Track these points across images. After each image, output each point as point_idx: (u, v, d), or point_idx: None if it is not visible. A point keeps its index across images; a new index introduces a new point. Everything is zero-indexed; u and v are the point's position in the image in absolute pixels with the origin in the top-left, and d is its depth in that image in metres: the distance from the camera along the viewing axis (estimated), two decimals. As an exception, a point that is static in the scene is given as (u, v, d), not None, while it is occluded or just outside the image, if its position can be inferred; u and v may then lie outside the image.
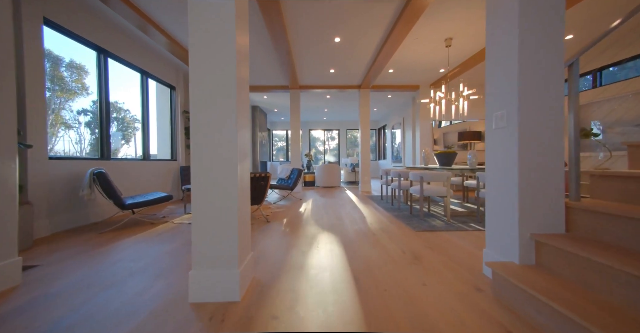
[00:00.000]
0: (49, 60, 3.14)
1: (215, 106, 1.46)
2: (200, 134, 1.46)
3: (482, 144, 7.08)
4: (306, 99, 8.33)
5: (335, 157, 13.06)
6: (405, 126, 8.76)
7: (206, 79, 1.46)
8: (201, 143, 1.46)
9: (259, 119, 9.23)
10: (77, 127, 3.77)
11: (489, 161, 1.76)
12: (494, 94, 1.70)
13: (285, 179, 5.38)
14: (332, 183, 7.77)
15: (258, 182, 3.22)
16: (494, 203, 1.71)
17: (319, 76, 6.05)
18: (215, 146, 1.46)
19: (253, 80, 6.28)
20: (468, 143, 7.26)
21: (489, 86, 1.75)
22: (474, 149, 7.19)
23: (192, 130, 1.47)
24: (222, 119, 1.46)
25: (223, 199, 1.46)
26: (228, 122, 1.46)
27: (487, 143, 1.77)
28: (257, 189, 3.25)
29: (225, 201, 1.46)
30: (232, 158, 1.46)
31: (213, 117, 1.46)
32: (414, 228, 2.92)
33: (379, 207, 4.34)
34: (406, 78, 6.24)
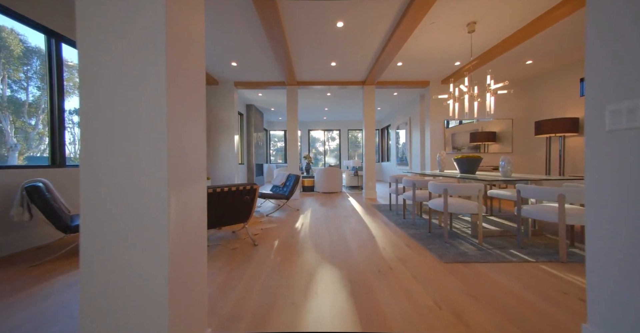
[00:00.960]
0: (39, 58, 2.97)
1: (124, 76, 0.82)
2: (94, 131, 0.83)
3: (496, 146, 6.42)
4: (305, 97, 7.69)
5: (336, 158, 12.42)
6: (412, 126, 8.11)
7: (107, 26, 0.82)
8: (96, 149, 0.83)
9: (255, 119, 8.60)
10: (71, 127, 3.65)
11: (596, 179, 1.11)
12: (609, 77, 1.05)
13: (281, 187, 4.74)
14: (333, 189, 7.13)
15: (242, 197, 2.57)
16: (610, 247, 1.06)
17: (318, 70, 5.41)
18: (123, 155, 0.82)
19: (245, 76, 5.65)
20: (481, 145, 6.60)
21: (594, 67, 1.10)
22: (487, 151, 6.53)
23: (81, 123, 0.83)
24: (139, 102, 0.82)
25: (139, 258, 0.82)
26: (151, 110, 0.82)
27: (592, 151, 1.11)
28: (241, 205, 2.61)
29: (142, 261, 0.82)
30: (157, 180, 0.82)
31: (120, 99, 0.83)
32: (440, 256, 2.28)
33: (389, 221, 3.70)
34: (416, 73, 5.60)
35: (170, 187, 0.84)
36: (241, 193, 2.55)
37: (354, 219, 3.89)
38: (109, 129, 0.83)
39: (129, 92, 0.83)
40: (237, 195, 2.53)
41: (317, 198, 6.15)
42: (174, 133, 0.87)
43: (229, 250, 2.55)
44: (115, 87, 0.83)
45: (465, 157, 3.45)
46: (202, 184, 1.08)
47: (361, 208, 4.85)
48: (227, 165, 6.00)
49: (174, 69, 0.88)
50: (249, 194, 2.62)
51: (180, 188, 0.90)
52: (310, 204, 5.30)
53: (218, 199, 2.41)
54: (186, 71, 0.96)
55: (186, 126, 0.96)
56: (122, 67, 0.83)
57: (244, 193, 2.57)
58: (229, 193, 2.45)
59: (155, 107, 0.83)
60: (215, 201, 2.40)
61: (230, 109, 6.00)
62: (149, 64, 0.83)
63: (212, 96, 5.99)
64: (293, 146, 6.16)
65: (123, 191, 0.83)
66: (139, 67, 0.83)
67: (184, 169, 0.93)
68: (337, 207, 4.92)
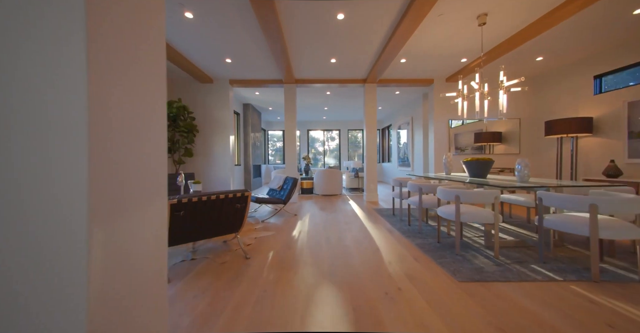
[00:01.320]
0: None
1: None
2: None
3: (502, 147, 6.16)
4: (304, 96, 7.42)
5: (336, 159, 12.16)
6: (415, 125, 7.86)
7: None
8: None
9: (252, 119, 8.33)
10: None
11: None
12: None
13: (277, 191, 4.48)
14: (333, 191, 6.87)
15: (232, 205, 2.31)
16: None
17: (317, 68, 5.14)
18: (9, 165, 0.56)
19: (240, 73, 5.38)
20: (486, 145, 6.34)
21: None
22: (493, 152, 6.28)
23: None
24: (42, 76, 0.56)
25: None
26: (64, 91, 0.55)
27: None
28: (231, 214, 2.35)
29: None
30: (71, 206, 0.55)
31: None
32: (454, 273, 2.02)
33: (393, 229, 3.44)
34: (420, 70, 5.34)
35: (95, 218, 0.57)
36: (231, 201, 2.29)
37: (355, 226, 3.64)
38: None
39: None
40: (227, 203, 2.27)
41: (316, 201, 5.90)
42: (102, 129, 0.61)
43: (218, 264, 2.29)
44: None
45: (475, 160, 3.20)
46: (161, 203, 0.82)
47: (363, 213, 4.59)
48: (221, 167, 5.74)
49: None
50: (239, 202, 2.36)
51: (117, 216, 0.64)
52: (309, 208, 5.04)
53: (204, 209, 2.15)
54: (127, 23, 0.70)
55: (129, 120, 0.70)
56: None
57: (234, 200, 2.31)
58: (216, 202, 2.19)
59: (71, 86, 0.56)
60: (200, 210, 2.13)
61: (226, 108, 5.74)
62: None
63: (206, 95, 5.72)
64: (291, 147, 5.90)
65: (10, 226, 0.56)
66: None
67: (125, 187, 0.67)
68: (337, 212, 4.67)
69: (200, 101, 5.71)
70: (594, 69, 4.48)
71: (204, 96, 5.72)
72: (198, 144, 5.69)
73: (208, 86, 5.72)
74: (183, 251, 2.60)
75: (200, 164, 5.73)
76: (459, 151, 6.68)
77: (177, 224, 2.03)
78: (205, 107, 5.72)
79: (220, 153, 5.75)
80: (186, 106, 5.08)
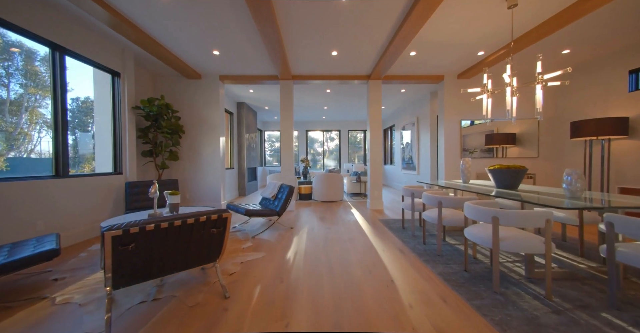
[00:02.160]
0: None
1: None
2: None
3: (515, 150, 5.63)
4: (302, 94, 6.88)
5: (335, 161, 11.63)
6: (421, 126, 7.34)
7: None
8: None
9: (247, 119, 7.79)
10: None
11: None
12: None
13: (271, 200, 3.94)
14: (333, 197, 6.34)
15: (206, 230, 1.77)
16: None
17: (316, 62, 4.61)
18: None
19: (231, 68, 4.84)
20: (497, 148, 5.81)
21: None
22: (506, 155, 5.75)
23: None
24: None
25: None
26: None
27: None
28: (205, 241, 1.81)
29: None
30: None
31: None
32: (501, 327, 1.49)
33: (406, 248, 2.91)
34: (430, 65, 4.82)
35: None
36: (203, 226, 1.75)
37: (360, 244, 3.10)
38: None
39: None
40: (198, 229, 1.73)
41: (315, 209, 5.36)
42: None
43: (187, 307, 1.75)
44: None
45: (505, 168, 2.67)
46: None
47: (367, 225, 4.05)
48: (211, 171, 5.19)
49: None
50: (216, 226, 1.82)
51: None
52: (307, 218, 4.51)
53: (166, 238, 1.61)
54: None
55: None
56: None
57: (208, 225, 1.77)
58: (183, 228, 1.65)
59: None
60: (161, 240, 1.59)
61: (216, 107, 5.19)
62: None
63: (194, 92, 5.18)
64: (288, 149, 5.36)
65: None
66: None
67: None
68: (338, 223, 4.13)
69: (187, 98, 5.17)
70: (629, 62, 3.96)
71: (192, 94, 5.18)
72: (184, 147, 5.15)
73: (196, 82, 5.18)
74: (147, 286, 2.05)
75: (187, 169, 5.18)
76: (466, 153, 6.14)
77: (126, 260, 1.49)
78: (193, 105, 5.17)
79: (209, 155, 5.20)
80: (169, 105, 4.53)
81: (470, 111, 5.45)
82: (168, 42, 3.80)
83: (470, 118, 5.54)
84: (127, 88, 3.95)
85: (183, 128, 4.96)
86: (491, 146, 5.76)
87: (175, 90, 5.15)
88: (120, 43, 3.76)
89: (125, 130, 3.92)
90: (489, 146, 5.76)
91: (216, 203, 5.20)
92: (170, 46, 3.89)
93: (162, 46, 3.86)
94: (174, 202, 2.83)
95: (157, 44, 3.76)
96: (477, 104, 5.40)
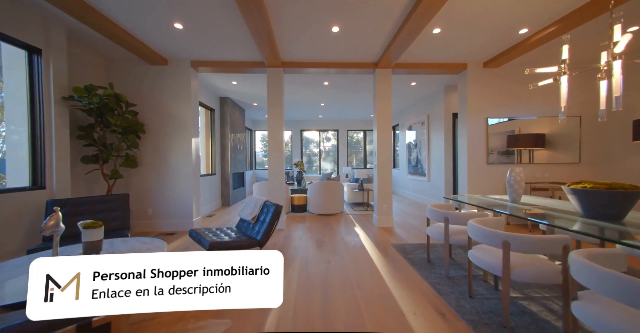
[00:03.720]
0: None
1: None
2: None
3: (544, 153, 4.68)
4: (294, 88, 5.88)
5: (333, 163, 10.64)
6: (432, 126, 6.40)
7: None
8: None
9: (232, 116, 6.76)
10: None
11: None
12: None
13: (251, 224, 2.93)
14: (332, 209, 5.35)
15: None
16: None
17: (313, 42, 3.62)
18: None
19: (205, 51, 3.82)
20: (520, 151, 4.84)
21: None
22: (533, 161, 4.79)
23: None
24: None
25: None
26: None
27: None
28: None
29: None
30: None
31: None
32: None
33: (447, 306, 1.93)
34: (453, 49, 3.87)
35: None
36: None
37: (376, 296, 2.11)
38: None
39: None
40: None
41: (310, 227, 4.37)
42: None
43: None
44: None
45: (606, 187, 1.71)
46: None
47: (379, 254, 3.07)
48: (181, 180, 4.16)
49: None
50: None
51: None
52: (300, 242, 3.52)
53: None
54: None
55: None
56: None
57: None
58: None
59: None
60: None
61: (187, 100, 4.17)
62: None
63: (158, 81, 4.14)
64: (277, 151, 4.36)
65: None
66: None
67: None
68: (341, 252, 3.14)
69: (149, 89, 4.12)
70: None
71: (156, 84, 4.14)
72: (146, 150, 4.11)
73: (161, 69, 4.14)
74: None
75: (150, 177, 4.14)
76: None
77: None
78: (158, 98, 4.14)
79: (179, 160, 4.17)
80: (121, 96, 3.50)
81: (501, 106, 4.52)
82: (111, 11, 2.77)
83: (501, 116, 4.60)
84: (54, 71, 2.90)
85: (144, 127, 3.92)
86: (514, 149, 4.78)
87: (134, 79, 4.10)
88: (41, 8, 2.71)
89: (51, 128, 2.87)
90: (511, 149, 4.78)
91: (187, 219, 4.18)
92: (114, 14, 2.86)
93: (102, 15, 2.82)
94: (91, 239, 1.83)
95: (94, 11, 2.73)
96: (513, 98, 4.48)
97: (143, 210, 4.12)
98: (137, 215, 4.08)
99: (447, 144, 5.78)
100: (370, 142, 10.56)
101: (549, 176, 4.43)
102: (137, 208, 4.09)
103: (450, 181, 5.75)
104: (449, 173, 5.77)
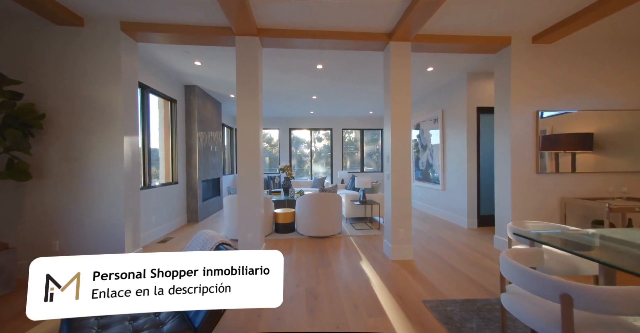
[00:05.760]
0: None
1: None
2: None
3: (590, 157, 3.52)
4: (280, 75, 4.60)
5: (325, 166, 9.39)
6: (448, 123, 5.25)
7: None
8: None
9: (202, 110, 5.41)
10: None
11: None
12: None
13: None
14: (328, 230, 4.09)
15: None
16: None
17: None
18: None
19: (143, 6, 2.51)
20: (558, 154, 3.65)
21: None
22: (575, 168, 3.63)
23: None
24: None
25: None
26: None
27: None
28: None
29: None
30: None
31: None
32: None
33: None
34: (495, 16, 2.70)
35: None
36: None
37: None
38: None
39: None
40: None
41: (299, 260, 3.10)
42: None
43: None
44: None
45: None
46: None
47: (409, 327, 1.83)
48: (106, 195, 2.81)
49: None
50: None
51: None
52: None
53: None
54: None
55: None
56: None
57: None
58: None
59: None
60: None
61: (114, 79, 2.82)
62: None
63: (65, 50, 2.77)
64: (252, 156, 3.08)
65: None
66: None
67: None
68: (347, 321, 1.89)
69: (52, 63, 2.75)
70: None
71: (61, 54, 2.76)
72: (48, 154, 2.73)
73: (72, 32, 2.77)
74: None
75: (57, 194, 2.76)
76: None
77: None
78: (66, 76, 2.77)
79: (103, 169, 2.82)
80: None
81: (557, 94, 3.39)
82: None
83: (561, 108, 3.45)
84: None
85: (44, 118, 2.56)
86: (554, 152, 3.60)
87: (29, 47, 2.72)
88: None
89: None
90: (548, 151, 3.59)
91: (118, 252, 2.82)
92: None
93: None
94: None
95: None
96: (572, 84, 3.36)
97: (45, 244, 2.74)
98: (36, 253, 2.70)
99: (471, 146, 4.63)
100: (367, 143, 9.38)
101: (627, 190, 3.30)
102: (36, 243, 2.71)
103: (475, 193, 4.59)
104: (472, 182, 4.62)
